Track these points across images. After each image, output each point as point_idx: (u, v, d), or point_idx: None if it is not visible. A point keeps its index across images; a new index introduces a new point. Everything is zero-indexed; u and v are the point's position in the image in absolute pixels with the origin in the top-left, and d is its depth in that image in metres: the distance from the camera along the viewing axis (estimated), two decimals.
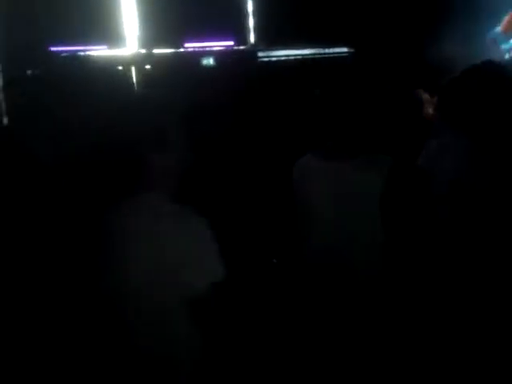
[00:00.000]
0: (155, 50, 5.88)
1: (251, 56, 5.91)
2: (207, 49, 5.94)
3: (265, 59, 6.10)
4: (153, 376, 1.48)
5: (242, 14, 6.85)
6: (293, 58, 6.04)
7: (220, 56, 5.63)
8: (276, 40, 6.27)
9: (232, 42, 6.08)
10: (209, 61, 5.57)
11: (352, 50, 6.01)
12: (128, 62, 5.61)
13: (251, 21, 6.76)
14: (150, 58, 5.69)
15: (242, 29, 6.77)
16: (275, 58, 6.17)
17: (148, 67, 5.61)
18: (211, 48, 5.99)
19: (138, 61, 5.68)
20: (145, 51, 5.83)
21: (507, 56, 6.31)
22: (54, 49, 5.07)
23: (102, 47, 5.79)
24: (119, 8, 5.92)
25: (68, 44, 5.20)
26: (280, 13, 6.47)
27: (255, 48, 6.31)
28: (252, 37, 6.69)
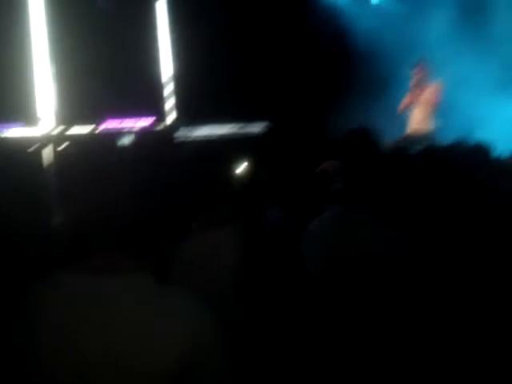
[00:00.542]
0: (72, 129, 5.78)
1: (170, 135, 5.96)
2: (125, 128, 5.93)
3: (184, 138, 6.18)
4: None
5: (162, 94, 6.98)
6: (212, 136, 6.17)
7: (138, 135, 5.62)
8: (196, 119, 6.40)
9: (151, 121, 6.12)
10: (126, 140, 5.54)
11: (269, 126, 6.25)
12: (42, 142, 5.47)
13: (171, 100, 6.89)
14: (65, 138, 5.58)
15: (162, 108, 6.88)
16: (195, 136, 6.27)
17: (62, 147, 5.49)
18: (129, 127, 5.99)
19: (52, 140, 5.55)
20: (60, 130, 5.71)
21: None
22: None
23: (17, 126, 5.61)
24: (35, 85, 5.79)
25: None
26: (200, 92, 6.67)
27: (175, 127, 6.39)
28: (172, 116, 6.79)
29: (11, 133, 5.54)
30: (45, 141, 5.53)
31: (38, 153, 5.33)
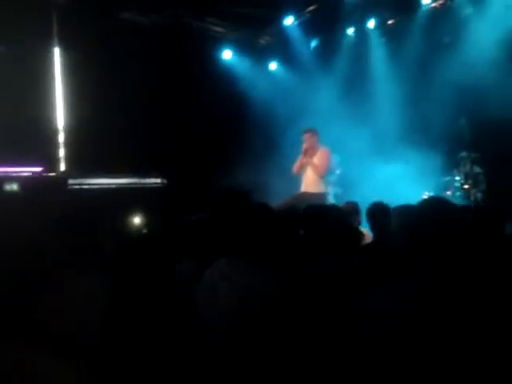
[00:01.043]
0: None
1: (60, 183, 5.79)
2: (13, 173, 5.67)
3: (76, 187, 6.03)
4: None
5: (53, 143, 6.82)
6: (105, 187, 6.09)
7: (25, 182, 5.40)
8: (89, 169, 6.30)
9: (40, 169, 5.91)
10: (12, 186, 5.30)
11: (164, 181, 6.30)
12: None
13: (62, 150, 6.75)
14: None
15: (52, 157, 6.70)
16: (87, 186, 6.14)
17: None
18: (18, 172, 5.74)
19: None
20: None
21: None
22: None
23: None
24: None
25: None
26: (93, 144, 6.62)
27: (65, 175, 6.22)
28: (62, 165, 6.63)
29: None
30: None
31: None
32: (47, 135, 6.88)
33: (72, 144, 6.99)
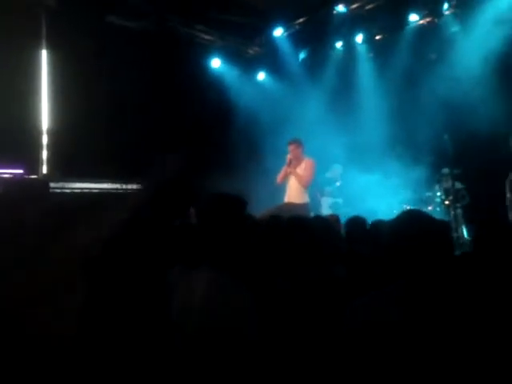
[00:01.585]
0: None
1: (41, 186, 5.71)
2: None
3: (58, 190, 5.95)
4: None
5: (36, 144, 6.74)
6: (87, 191, 6.02)
7: (6, 184, 5.32)
8: (73, 173, 6.23)
9: (21, 171, 5.82)
10: None
11: (145, 187, 6.24)
12: None
13: (45, 152, 6.68)
14: None
15: (35, 159, 6.62)
16: (69, 190, 6.06)
17: None
18: None
19: None
20: None
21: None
22: None
23: None
24: None
25: None
26: (79, 148, 6.55)
27: (47, 178, 6.14)
28: (45, 168, 6.55)
29: None
30: None
31: None
32: (31, 137, 6.79)
33: (55, 147, 6.91)
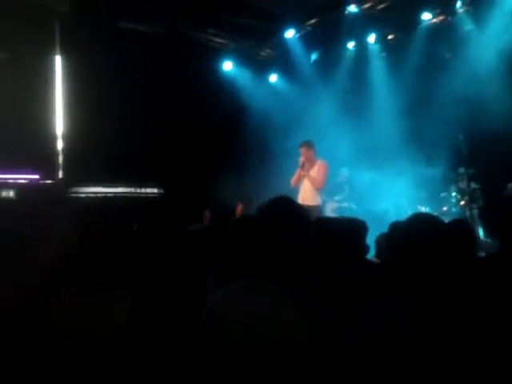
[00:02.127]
0: None
1: (57, 191, 5.76)
2: (10, 179, 5.64)
3: (74, 195, 6.01)
4: None
5: (52, 150, 6.81)
6: (103, 195, 6.07)
7: (22, 189, 5.37)
8: (87, 177, 6.28)
9: (37, 177, 5.87)
10: (9, 193, 5.28)
11: (161, 191, 6.28)
12: None
13: (60, 157, 6.74)
14: None
15: (51, 164, 6.68)
16: (84, 195, 6.11)
17: None
18: (14, 180, 5.70)
19: None
20: None
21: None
22: None
23: None
24: None
25: None
26: (93, 152, 6.60)
27: (63, 183, 6.20)
28: (61, 173, 6.61)
29: None
30: None
31: None
32: (46, 142, 6.86)
33: (70, 152, 6.97)
